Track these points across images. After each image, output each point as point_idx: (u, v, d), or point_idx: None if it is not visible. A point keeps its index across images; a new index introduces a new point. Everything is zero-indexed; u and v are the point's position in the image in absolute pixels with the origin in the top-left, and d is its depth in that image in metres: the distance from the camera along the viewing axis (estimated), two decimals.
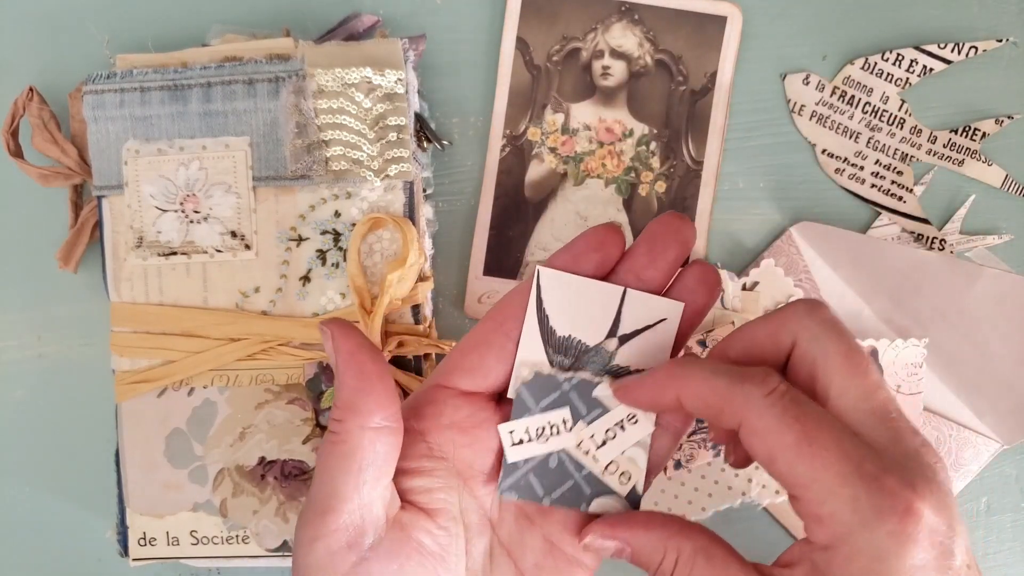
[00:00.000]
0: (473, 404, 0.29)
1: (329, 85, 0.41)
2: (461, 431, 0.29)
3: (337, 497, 0.26)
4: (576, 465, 0.29)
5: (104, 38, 0.46)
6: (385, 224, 0.41)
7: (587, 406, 0.29)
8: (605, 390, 0.29)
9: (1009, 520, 0.46)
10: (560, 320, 0.29)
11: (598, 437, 0.29)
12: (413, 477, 0.28)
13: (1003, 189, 0.45)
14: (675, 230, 0.28)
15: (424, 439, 0.29)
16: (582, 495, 0.29)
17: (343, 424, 0.26)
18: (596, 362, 0.29)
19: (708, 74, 0.45)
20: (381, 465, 0.27)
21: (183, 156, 0.42)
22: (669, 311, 0.29)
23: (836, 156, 0.45)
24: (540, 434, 0.29)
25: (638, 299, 0.28)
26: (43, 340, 0.46)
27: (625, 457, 0.29)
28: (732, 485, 0.45)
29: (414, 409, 0.29)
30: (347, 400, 0.26)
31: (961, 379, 0.45)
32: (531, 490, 0.29)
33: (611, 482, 0.29)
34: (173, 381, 0.42)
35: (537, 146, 0.45)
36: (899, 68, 0.45)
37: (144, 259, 0.42)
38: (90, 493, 0.46)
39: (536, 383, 0.29)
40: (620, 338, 0.29)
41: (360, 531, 0.26)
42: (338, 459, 0.26)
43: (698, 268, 0.29)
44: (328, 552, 0.26)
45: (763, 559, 0.46)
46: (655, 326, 0.29)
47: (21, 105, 0.43)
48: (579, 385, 0.29)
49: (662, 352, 0.29)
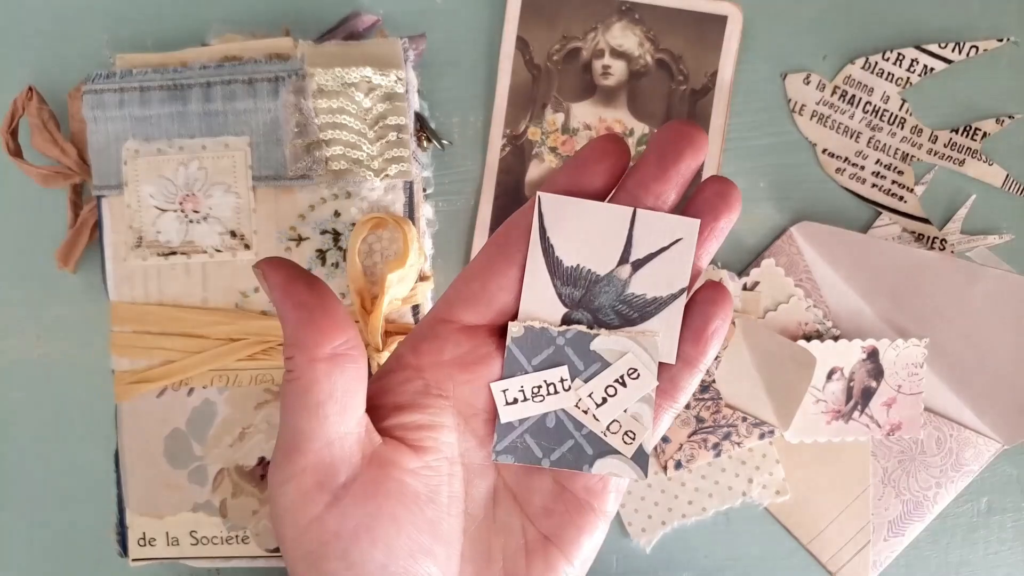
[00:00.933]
0: (475, 339, 0.27)
1: (329, 85, 0.41)
2: (462, 367, 0.27)
3: (300, 435, 0.25)
4: (576, 424, 0.27)
5: (103, 38, 0.46)
6: (385, 224, 0.41)
7: (584, 361, 0.27)
8: (604, 342, 0.27)
9: (1010, 520, 0.46)
10: (567, 249, 0.26)
11: (597, 394, 0.27)
12: (405, 412, 0.27)
13: (1004, 189, 0.45)
14: (686, 136, 0.25)
15: (421, 376, 0.27)
16: (584, 456, 0.27)
17: (293, 360, 0.25)
18: (609, 292, 0.27)
19: (708, 74, 0.45)
20: (341, 398, 0.25)
21: (183, 156, 0.42)
22: (685, 229, 0.26)
23: (837, 156, 0.45)
24: (536, 393, 0.27)
25: (650, 219, 0.26)
26: (42, 340, 0.46)
27: (628, 415, 0.27)
28: (732, 485, 0.45)
29: (412, 344, 0.27)
30: (291, 334, 0.25)
31: (962, 379, 0.44)
32: (528, 452, 0.27)
33: (615, 442, 0.27)
34: (173, 381, 0.42)
35: (537, 146, 0.45)
36: (900, 68, 0.45)
37: (144, 259, 0.42)
38: (89, 493, 0.46)
39: (527, 338, 0.27)
40: (633, 264, 0.26)
41: (330, 469, 0.25)
42: (295, 396, 0.25)
43: (715, 181, 0.26)
44: (300, 492, 0.25)
45: (762, 558, 0.46)
46: (671, 247, 0.26)
47: (20, 105, 0.43)
48: (575, 338, 0.27)
49: (680, 275, 0.26)
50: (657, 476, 0.45)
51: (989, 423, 0.45)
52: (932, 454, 0.45)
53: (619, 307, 0.27)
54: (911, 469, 0.45)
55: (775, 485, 0.45)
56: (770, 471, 0.44)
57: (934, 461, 0.45)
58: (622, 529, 0.45)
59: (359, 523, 0.25)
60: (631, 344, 0.27)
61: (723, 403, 0.44)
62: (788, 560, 0.45)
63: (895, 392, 0.44)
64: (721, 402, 0.44)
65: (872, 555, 0.45)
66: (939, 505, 0.45)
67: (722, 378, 0.44)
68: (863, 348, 0.44)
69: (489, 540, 0.27)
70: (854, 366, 0.44)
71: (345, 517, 0.25)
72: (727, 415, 0.44)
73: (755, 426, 0.44)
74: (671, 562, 0.46)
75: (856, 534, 0.45)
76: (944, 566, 0.46)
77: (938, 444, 0.45)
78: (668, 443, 0.44)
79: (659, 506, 0.45)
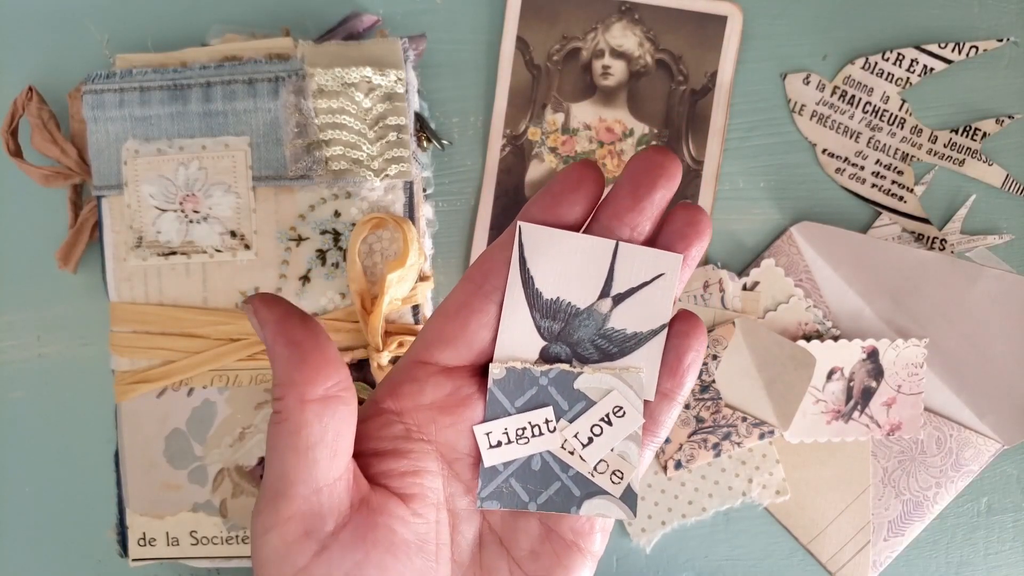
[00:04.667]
0: (456, 380, 0.26)
1: (329, 85, 0.41)
2: (443, 410, 0.26)
3: (286, 480, 0.24)
4: (562, 466, 0.26)
5: (104, 38, 0.46)
6: (385, 224, 0.41)
7: (568, 400, 0.26)
8: (588, 380, 0.26)
9: (1010, 520, 0.46)
10: (546, 281, 0.26)
11: (583, 434, 0.26)
12: (387, 459, 0.26)
13: (1003, 189, 0.45)
14: (658, 165, 0.25)
15: (400, 420, 0.26)
16: (572, 497, 0.26)
17: (283, 401, 0.24)
18: (589, 326, 0.26)
19: (708, 74, 0.45)
20: (332, 442, 0.24)
21: (183, 156, 0.42)
22: (668, 264, 0.26)
23: (836, 156, 0.45)
24: (520, 435, 0.26)
25: (632, 253, 0.25)
26: (42, 340, 0.46)
27: (615, 454, 0.26)
28: (732, 485, 0.45)
29: (390, 388, 0.26)
30: (282, 374, 0.24)
31: (962, 379, 0.44)
32: (515, 497, 0.26)
33: (602, 482, 0.26)
34: (173, 381, 0.42)
35: (537, 146, 0.45)
36: (900, 68, 0.45)
37: (144, 259, 0.42)
38: (90, 493, 0.46)
39: (509, 379, 0.26)
40: (614, 298, 0.26)
41: (318, 517, 0.24)
42: (283, 438, 0.24)
43: (684, 210, 0.26)
44: (284, 542, 0.24)
45: (762, 558, 0.46)
46: (652, 282, 0.26)
47: (21, 105, 0.43)
48: (558, 377, 0.26)
49: (662, 311, 0.26)
50: (657, 476, 0.45)
51: (989, 423, 0.45)
52: (932, 454, 0.45)
53: (599, 341, 0.26)
54: (911, 469, 0.45)
55: (775, 485, 0.45)
56: (770, 471, 0.45)
57: (934, 461, 0.45)
58: (622, 529, 0.45)
59: (347, 573, 0.24)
60: (616, 382, 0.26)
61: (723, 403, 0.44)
62: (788, 560, 0.45)
63: (895, 392, 0.44)
64: (721, 402, 0.44)
65: (872, 555, 0.45)
66: (939, 505, 0.45)
67: (722, 378, 0.44)
68: (863, 348, 0.44)
69: None
70: (854, 366, 0.44)
71: (332, 567, 0.24)
72: (727, 415, 0.44)
73: (755, 426, 0.44)
74: (671, 562, 0.46)
75: (856, 534, 0.45)
76: (944, 566, 0.46)
77: (938, 444, 0.45)
78: (668, 443, 0.44)
79: (659, 506, 0.45)
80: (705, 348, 0.27)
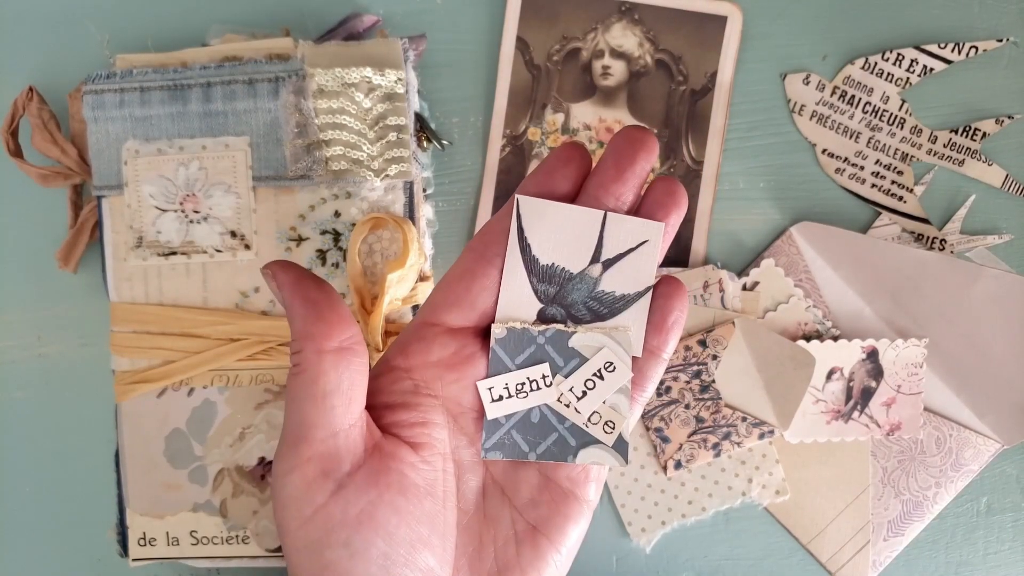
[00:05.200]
0: (460, 340, 0.29)
1: (329, 85, 0.41)
2: (449, 368, 0.28)
3: (305, 425, 0.26)
4: (559, 418, 0.29)
5: (104, 38, 0.46)
6: (385, 224, 0.41)
7: (564, 357, 0.28)
8: (581, 339, 0.28)
9: (1010, 519, 0.46)
10: (542, 248, 0.28)
11: (577, 388, 0.28)
12: (397, 411, 0.28)
13: (1003, 189, 0.45)
14: (639, 140, 0.28)
15: (409, 376, 0.28)
16: (568, 447, 0.29)
17: (301, 353, 0.26)
18: (581, 289, 0.29)
19: (708, 74, 0.45)
20: (347, 390, 0.26)
21: (183, 156, 0.42)
22: (650, 232, 0.28)
23: (836, 156, 0.45)
24: (520, 390, 0.28)
25: (618, 222, 0.28)
26: (43, 340, 0.46)
27: (607, 406, 0.29)
28: (732, 485, 0.45)
29: (400, 347, 0.29)
30: (300, 328, 0.26)
31: (961, 379, 0.45)
32: (516, 447, 0.29)
33: (596, 432, 0.29)
34: (173, 381, 0.42)
35: (537, 146, 0.45)
36: (899, 68, 0.45)
37: (144, 259, 0.42)
38: (90, 493, 0.46)
39: (510, 338, 0.28)
40: (603, 263, 0.28)
41: (335, 458, 0.26)
42: (302, 387, 0.26)
43: (662, 182, 0.29)
44: (304, 481, 0.26)
45: (762, 558, 0.46)
46: (638, 248, 0.28)
47: (21, 105, 0.43)
48: (554, 337, 0.28)
49: (646, 274, 0.28)
50: (657, 476, 0.45)
51: (988, 423, 0.45)
52: (932, 454, 0.45)
53: (590, 303, 0.29)
54: (911, 469, 0.45)
55: (775, 485, 0.45)
56: (770, 471, 0.45)
57: (934, 461, 0.45)
58: (622, 529, 0.45)
59: (362, 511, 0.26)
60: (606, 340, 0.28)
61: (723, 403, 0.44)
62: (788, 560, 0.46)
63: (895, 392, 0.44)
64: (721, 402, 0.44)
65: (872, 555, 0.45)
66: (939, 505, 0.45)
67: (722, 378, 0.44)
68: (863, 348, 0.44)
69: (480, 532, 0.28)
70: (854, 366, 0.44)
71: (348, 505, 0.26)
72: (727, 415, 0.44)
73: (755, 426, 0.44)
74: (671, 562, 0.46)
75: (856, 534, 0.45)
76: (944, 566, 0.46)
77: (938, 444, 0.45)
78: (668, 443, 0.45)
79: (659, 506, 0.45)
80: (687, 308, 0.29)
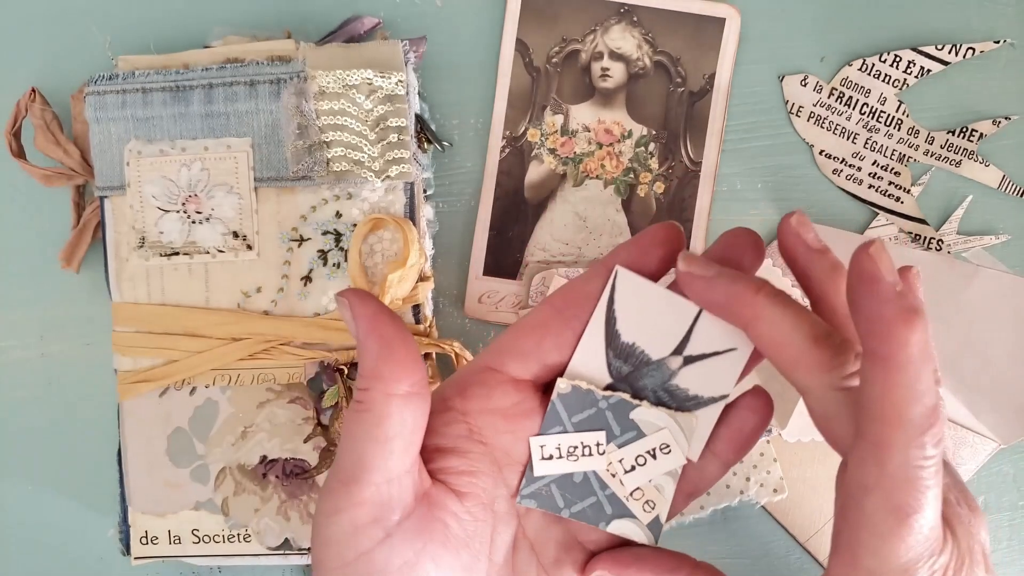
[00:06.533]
0: (521, 392, 0.28)
1: (330, 87, 0.41)
2: (506, 418, 0.28)
3: (363, 467, 0.25)
4: (601, 484, 0.28)
5: (106, 39, 0.46)
6: (386, 225, 0.42)
7: (621, 427, 0.28)
8: (644, 413, 0.28)
9: (1006, 519, 0.46)
10: (628, 325, 0.27)
11: (628, 461, 0.28)
12: (448, 456, 0.27)
13: (1000, 190, 0.45)
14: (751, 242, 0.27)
15: (465, 420, 0.28)
16: (603, 514, 0.28)
17: (369, 392, 0.25)
18: (655, 377, 0.28)
19: (706, 75, 0.45)
20: (409, 435, 0.26)
21: (185, 157, 0.42)
22: (741, 341, 0.27)
23: (834, 157, 0.45)
24: (571, 452, 0.28)
25: (713, 322, 0.27)
26: (45, 340, 0.46)
27: (652, 485, 0.28)
28: (730, 483, 0.45)
29: (459, 388, 0.28)
30: (371, 367, 0.25)
31: (958, 379, 0.45)
32: (551, 500, 0.28)
33: (634, 508, 0.28)
34: (175, 380, 0.43)
35: (537, 147, 0.45)
36: (897, 69, 0.45)
37: (146, 259, 0.42)
38: (92, 492, 0.46)
39: (573, 396, 0.28)
40: (685, 358, 0.28)
41: (387, 506, 0.25)
42: (365, 427, 0.25)
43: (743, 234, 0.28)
44: (352, 525, 0.25)
45: (760, 557, 0.46)
46: (724, 353, 0.27)
47: (23, 106, 0.43)
48: (617, 405, 0.28)
49: (725, 383, 0.27)
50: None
51: (986, 422, 0.45)
52: None
53: (661, 394, 0.28)
54: None
55: (773, 483, 0.45)
56: (768, 469, 0.45)
57: None
58: None
59: (405, 562, 0.25)
60: (669, 421, 0.28)
61: None
62: (785, 558, 0.46)
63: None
64: None
65: None
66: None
67: None
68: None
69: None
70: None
71: (393, 554, 0.25)
72: None
73: None
74: None
75: None
76: None
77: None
78: None
79: None
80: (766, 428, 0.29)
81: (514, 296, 0.45)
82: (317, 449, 0.43)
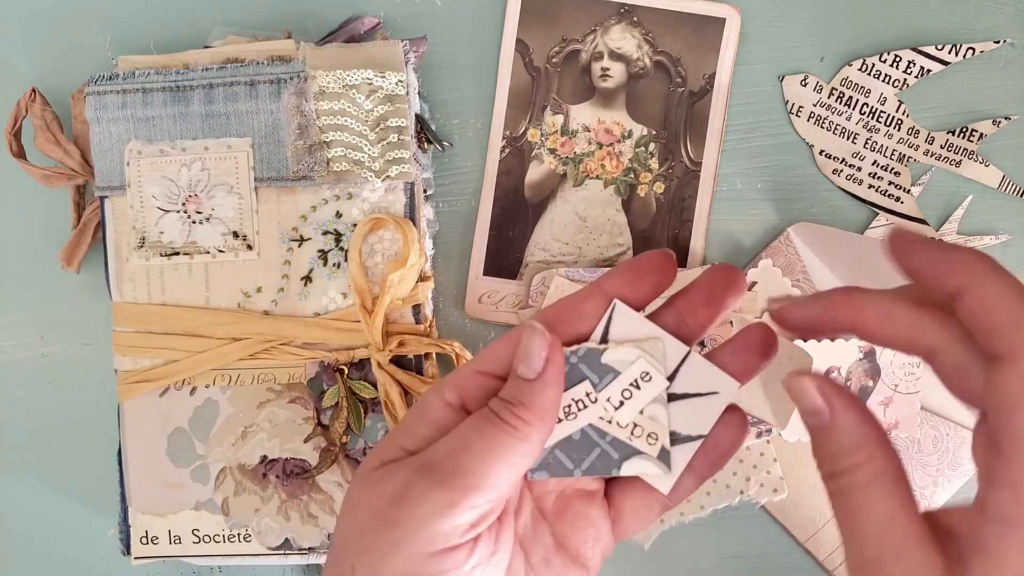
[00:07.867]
0: None
1: (330, 87, 0.41)
2: None
3: (489, 483, 0.26)
4: (600, 433, 0.29)
5: (106, 39, 0.46)
6: (386, 224, 0.42)
7: (598, 373, 0.29)
8: (613, 354, 0.29)
9: None
10: None
11: (614, 400, 0.29)
12: None
13: (1000, 190, 0.45)
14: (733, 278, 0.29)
15: None
16: (611, 460, 0.29)
17: (530, 427, 0.27)
18: None
19: (706, 75, 0.45)
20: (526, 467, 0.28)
21: (185, 157, 0.42)
22: (724, 386, 0.29)
23: (834, 157, 0.45)
24: (568, 413, 0.29)
25: (698, 364, 0.29)
26: (45, 340, 0.46)
27: (646, 417, 0.29)
28: (730, 483, 0.45)
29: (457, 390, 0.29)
30: (544, 407, 0.27)
31: None
32: (561, 466, 0.29)
33: (639, 444, 0.29)
34: (175, 380, 0.43)
35: (537, 147, 0.45)
36: (897, 69, 0.45)
37: (146, 259, 0.42)
38: (92, 492, 0.46)
39: None
40: (669, 395, 0.29)
41: (487, 517, 0.27)
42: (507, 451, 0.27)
43: (759, 329, 0.29)
44: (455, 523, 0.26)
45: (761, 557, 0.46)
46: (706, 396, 0.29)
47: (24, 106, 0.43)
48: (586, 355, 0.29)
49: (704, 424, 0.29)
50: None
51: None
52: (929, 453, 0.45)
53: None
54: (908, 468, 0.45)
55: (772, 483, 0.45)
56: (768, 469, 0.45)
57: (931, 460, 0.45)
58: None
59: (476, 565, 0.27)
60: (639, 352, 0.29)
61: None
62: (785, 558, 0.46)
63: (892, 391, 0.44)
64: None
65: None
66: (936, 504, 0.45)
67: None
68: (860, 348, 0.44)
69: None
70: (851, 366, 0.44)
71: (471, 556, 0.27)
72: None
73: (752, 424, 0.44)
74: (669, 560, 0.46)
75: None
76: None
77: (935, 443, 0.45)
78: None
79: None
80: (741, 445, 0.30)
81: (514, 296, 0.45)
82: (317, 449, 0.43)
